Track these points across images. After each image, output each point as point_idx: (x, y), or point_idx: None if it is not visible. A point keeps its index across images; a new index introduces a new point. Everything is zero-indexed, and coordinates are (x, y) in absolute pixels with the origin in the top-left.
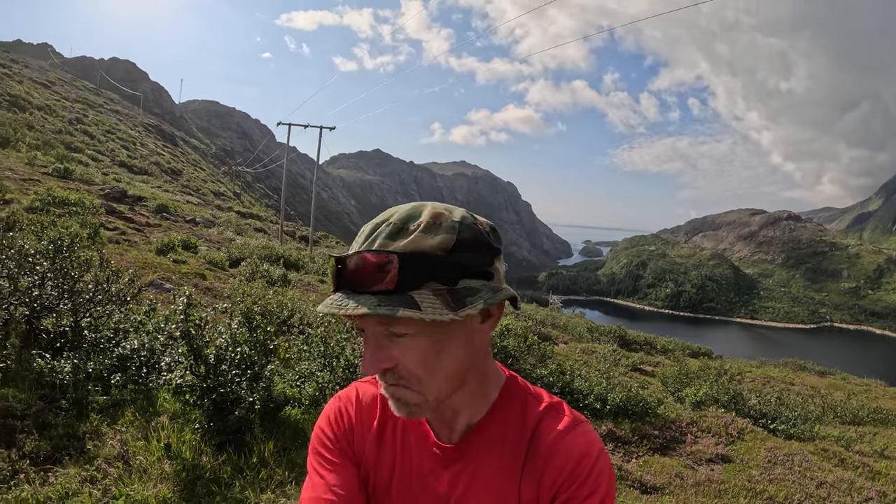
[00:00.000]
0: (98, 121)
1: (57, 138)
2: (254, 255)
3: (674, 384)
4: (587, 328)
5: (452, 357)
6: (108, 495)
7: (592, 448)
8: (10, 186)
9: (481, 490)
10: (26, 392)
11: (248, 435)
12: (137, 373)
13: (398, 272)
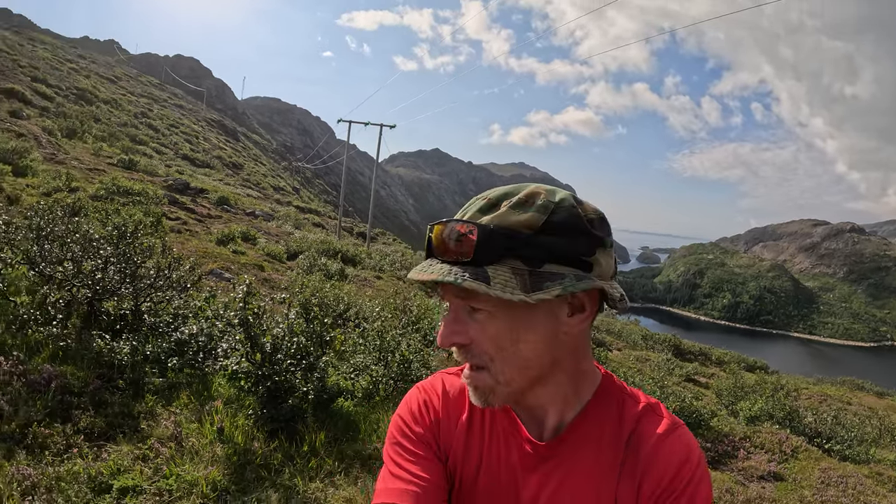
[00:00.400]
0: (162, 115)
1: (122, 131)
2: (312, 248)
3: (728, 397)
4: (642, 336)
5: (529, 345)
6: (158, 474)
7: (693, 454)
8: (77, 175)
9: (575, 491)
10: (84, 370)
11: (301, 424)
12: (194, 357)
13: (476, 243)
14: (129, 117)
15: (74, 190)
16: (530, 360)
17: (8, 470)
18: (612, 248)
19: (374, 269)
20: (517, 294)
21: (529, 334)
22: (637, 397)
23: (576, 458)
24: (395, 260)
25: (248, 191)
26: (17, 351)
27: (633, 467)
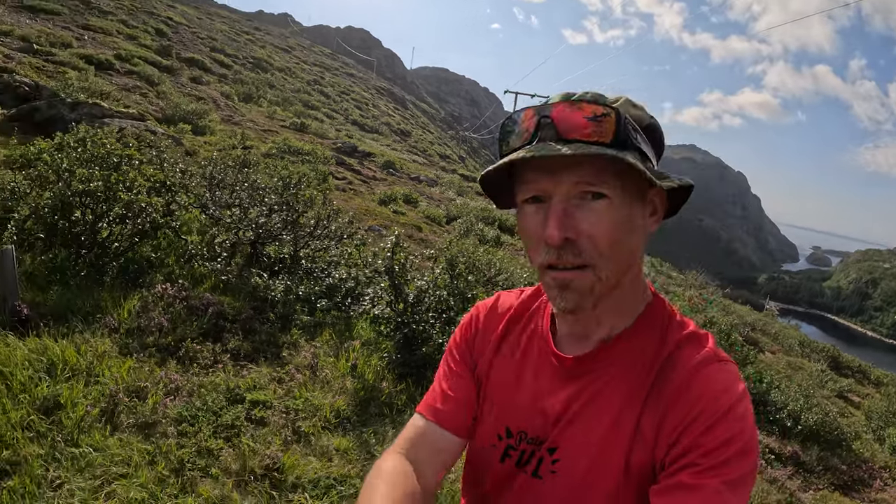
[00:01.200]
0: (334, 82)
1: (295, 96)
2: (470, 214)
3: (878, 421)
4: (799, 342)
5: (633, 240)
6: (289, 395)
7: (734, 386)
8: (251, 135)
9: (598, 412)
10: (240, 302)
11: (430, 372)
12: (342, 301)
13: (616, 125)
14: (302, 84)
15: (248, 148)
16: (629, 258)
17: (158, 374)
18: None
19: None
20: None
21: (633, 229)
22: (685, 324)
23: (606, 377)
24: None
25: (413, 157)
26: (183, 280)
27: (660, 393)
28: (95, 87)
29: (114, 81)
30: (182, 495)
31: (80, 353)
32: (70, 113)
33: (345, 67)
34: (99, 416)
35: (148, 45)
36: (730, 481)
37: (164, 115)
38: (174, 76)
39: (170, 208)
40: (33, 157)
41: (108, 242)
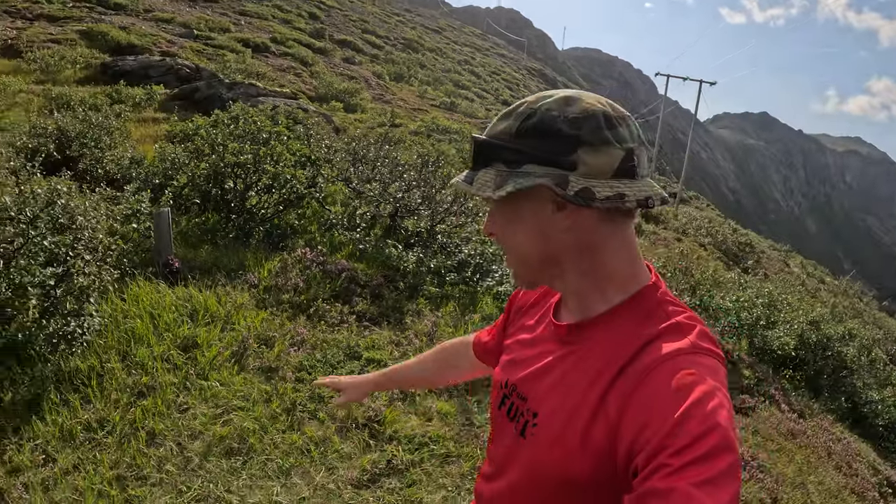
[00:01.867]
0: (484, 63)
1: (446, 76)
2: None
3: None
4: None
5: (525, 239)
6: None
7: (701, 380)
8: (401, 114)
9: (572, 384)
10: (373, 270)
11: None
12: (471, 276)
13: (473, 152)
14: (453, 64)
15: (397, 126)
16: (525, 253)
17: (287, 326)
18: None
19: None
20: (486, 191)
21: (518, 227)
22: (673, 313)
23: (585, 351)
24: (701, 225)
25: None
26: (322, 246)
27: (626, 379)
28: (252, 68)
29: (269, 63)
30: (289, 431)
31: (220, 303)
32: (227, 92)
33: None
34: (229, 357)
35: (302, 28)
36: (701, 482)
37: (316, 93)
38: (327, 57)
39: (315, 180)
40: (191, 132)
41: (256, 209)
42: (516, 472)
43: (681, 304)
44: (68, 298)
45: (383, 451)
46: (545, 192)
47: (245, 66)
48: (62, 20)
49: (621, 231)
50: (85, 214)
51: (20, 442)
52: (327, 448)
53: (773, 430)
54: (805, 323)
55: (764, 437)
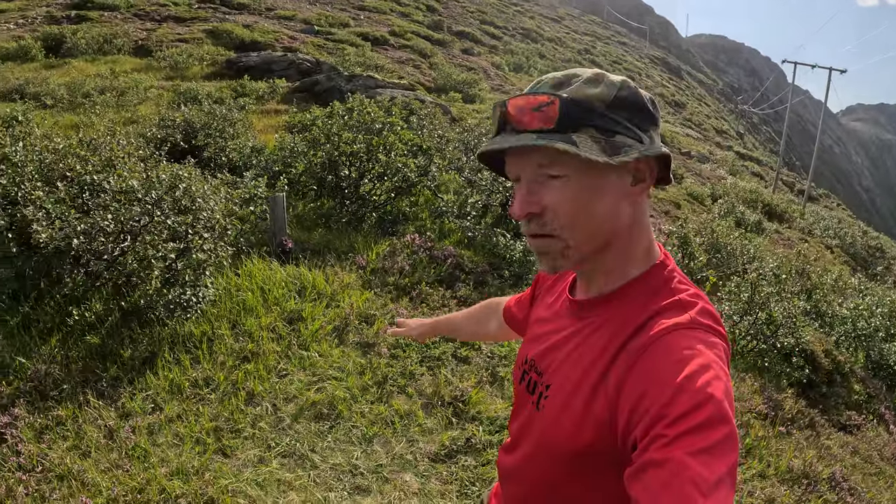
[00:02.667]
0: (605, 52)
1: (566, 66)
2: (732, 195)
3: None
4: None
5: (601, 210)
6: (498, 343)
7: (698, 353)
8: None
9: (580, 358)
10: (479, 257)
11: None
12: None
13: (559, 113)
14: (573, 54)
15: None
16: (600, 226)
17: (389, 307)
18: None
19: (802, 231)
20: (601, 157)
21: (602, 200)
22: (677, 290)
23: (595, 326)
24: (829, 226)
25: (687, 130)
26: (431, 233)
27: (627, 353)
28: (371, 61)
29: (388, 55)
30: (377, 403)
31: (328, 281)
32: (346, 84)
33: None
34: (331, 331)
35: (420, 21)
36: (696, 451)
37: (435, 84)
38: (445, 48)
39: (427, 169)
40: (308, 122)
41: (369, 196)
42: (530, 443)
43: (687, 281)
44: (187, 271)
45: (464, 430)
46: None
47: (364, 59)
48: (189, 20)
49: (647, 207)
50: (204, 197)
51: (133, 392)
52: (411, 421)
53: (876, 453)
54: None
55: (863, 458)
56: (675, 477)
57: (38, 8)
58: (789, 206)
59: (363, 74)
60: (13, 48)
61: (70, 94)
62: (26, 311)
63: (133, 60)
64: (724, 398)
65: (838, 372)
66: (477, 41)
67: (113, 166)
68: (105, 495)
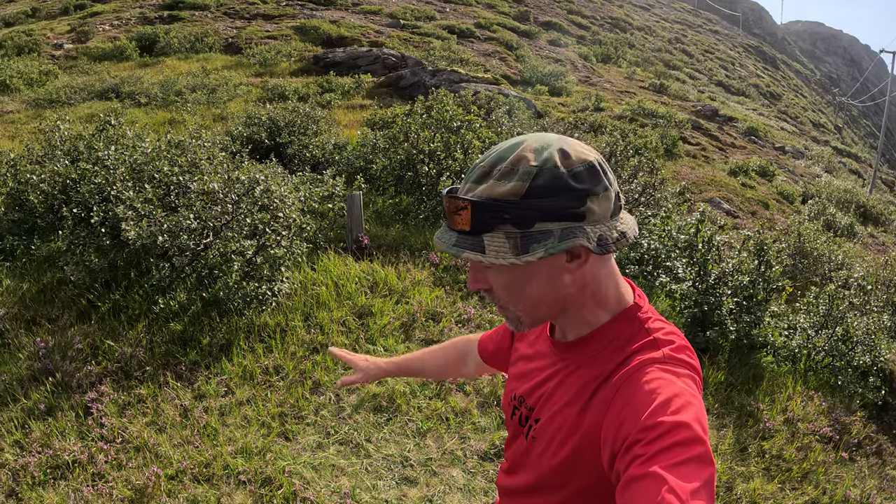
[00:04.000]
0: (696, 41)
1: (656, 56)
2: (824, 195)
3: None
4: None
5: (536, 291)
6: None
7: (671, 385)
8: (606, 97)
9: (561, 396)
10: None
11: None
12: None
13: (471, 216)
14: (663, 43)
15: (601, 110)
16: (539, 302)
17: (458, 305)
18: (610, 189)
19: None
20: (508, 258)
21: (533, 283)
22: (652, 329)
23: (575, 367)
24: None
25: (782, 124)
26: None
27: (603, 397)
28: (456, 54)
29: (474, 48)
30: (435, 399)
31: (400, 278)
32: (430, 79)
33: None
34: (398, 327)
35: (506, 13)
36: (673, 465)
37: (521, 77)
38: (532, 40)
39: None
40: (389, 119)
41: None
42: (526, 471)
43: (662, 319)
44: (265, 266)
45: None
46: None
47: (449, 53)
48: (277, 18)
49: (609, 262)
50: (282, 198)
51: (209, 376)
52: (465, 419)
53: None
54: None
55: None
56: (655, 488)
57: (132, 9)
58: (887, 207)
59: (447, 69)
60: (109, 48)
61: (163, 91)
62: (116, 298)
63: (223, 58)
64: (695, 422)
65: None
66: (564, 32)
67: (197, 167)
68: (175, 467)
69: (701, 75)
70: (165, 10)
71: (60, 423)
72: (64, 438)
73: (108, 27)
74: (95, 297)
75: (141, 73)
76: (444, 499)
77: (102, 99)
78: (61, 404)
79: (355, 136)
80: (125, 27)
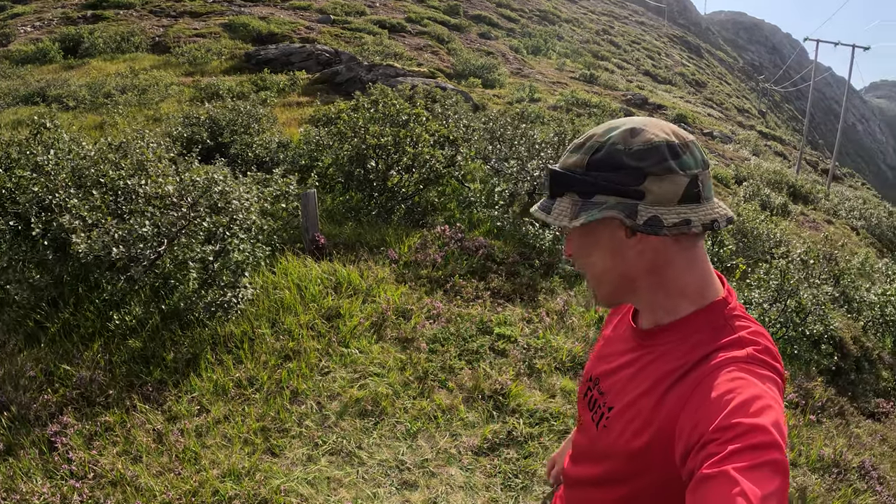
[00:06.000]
0: (623, 31)
1: (584, 47)
2: (756, 177)
3: None
4: None
5: (600, 262)
6: (534, 334)
7: (751, 387)
8: (539, 88)
9: (638, 385)
10: (509, 247)
11: None
12: None
13: (549, 182)
14: (591, 35)
15: (536, 100)
16: (602, 274)
17: (424, 300)
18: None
19: (827, 213)
20: (562, 221)
21: (595, 252)
22: (738, 328)
23: (655, 357)
24: (853, 206)
25: (709, 110)
26: (461, 223)
27: (682, 391)
28: (389, 49)
29: (406, 42)
30: (420, 398)
31: (362, 277)
32: (366, 74)
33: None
34: (369, 327)
35: (436, 6)
36: (746, 468)
37: (454, 70)
38: (463, 33)
39: (454, 159)
40: (333, 115)
41: (397, 188)
42: (592, 460)
43: (749, 318)
44: (225, 272)
45: (505, 423)
46: (617, 220)
47: (382, 48)
48: (204, 15)
49: (690, 250)
50: (239, 198)
51: (178, 394)
52: (453, 416)
53: None
54: None
55: (892, 446)
56: (726, 489)
57: (54, 10)
58: (814, 186)
59: (383, 63)
60: (32, 51)
61: (91, 94)
62: (66, 317)
63: (151, 57)
64: (774, 427)
65: (866, 359)
66: (494, 25)
67: (145, 170)
68: (160, 499)
69: (629, 65)
70: (89, 10)
71: (23, 462)
72: (30, 479)
73: (29, 28)
74: (43, 318)
75: (67, 76)
76: (448, 499)
77: (28, 104)
78: (21, 441)
79: (296, 134)
80: (48, 28)
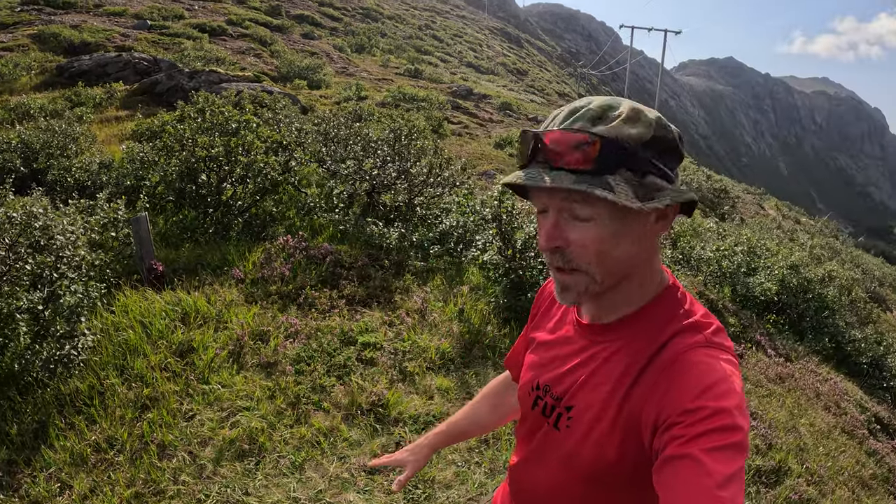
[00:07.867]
0: (445, 26)
1: (408, 43)
2: None
3: None
4: None
5: (625, 248)
6: (398, 337)
7: (716, 368)
8: (366, 86)
9: (603, 378)
10: (356, 250)
11: None
12: (455, 247)
13: (598, 154)
14: (414, 30)
15: (363, 99)
16: (623, 263)
17: (279, 319)
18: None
19: None
20: (635, 203)
21: (628, 239)
22: (691, 312)
23: (614, 348)
24: None
25: (531, 97)
26: (303, 231)
27: (647, 380)
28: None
29: (228, 46)
30: (297, 425)
31: (210, 302)
32: (189, 82)
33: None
34: (227, 357)
35: (257, 7)
36: (710, 449)
37: (279, 73)
38: (285, 35)
39: (288, 165)
40: (158, 128)
41: (232, 201)
42: (554, 461)
43: (697, 302)
44: (58, 320)
45: (391, 435)
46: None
47: (203, 53)
48: (11, 26)
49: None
50: (63, 233)
51: (33, 473)
52: (336, 438)
53: (762, 376)
54: (785, 268)
55: (753, 383)
56: (691, 470)
57: None
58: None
59: (205, 70)
60: None
61: None
62: None
63: None
64: (737, 409)
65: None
66: (317, 24)
67: None
68: None
69: (452, 58)
70: None
71: None
72: None
73: None
74: None
75: None
76: None
77: None
78: None
79: (119, 152)
80: None
